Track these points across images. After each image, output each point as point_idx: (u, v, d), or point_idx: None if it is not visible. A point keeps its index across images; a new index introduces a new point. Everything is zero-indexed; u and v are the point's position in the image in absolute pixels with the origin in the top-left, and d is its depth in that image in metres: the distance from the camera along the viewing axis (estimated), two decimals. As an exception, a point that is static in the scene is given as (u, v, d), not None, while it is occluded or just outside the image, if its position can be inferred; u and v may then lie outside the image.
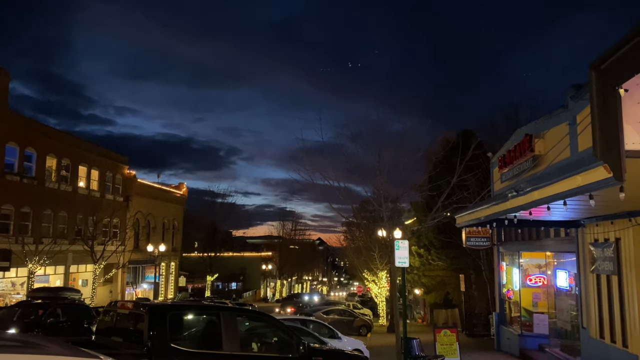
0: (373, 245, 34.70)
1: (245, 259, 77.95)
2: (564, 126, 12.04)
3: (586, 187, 7.03)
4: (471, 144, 23.09)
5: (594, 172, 6.63)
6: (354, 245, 44.87)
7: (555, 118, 12.74)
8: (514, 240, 18.49)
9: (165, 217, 48.30)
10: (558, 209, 9.46)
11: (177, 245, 51.89)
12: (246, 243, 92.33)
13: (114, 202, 37.73)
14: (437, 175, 25.36)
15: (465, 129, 30.93)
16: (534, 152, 13.59)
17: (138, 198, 41.98)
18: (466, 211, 14.80)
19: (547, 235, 15.65)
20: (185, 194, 53.52)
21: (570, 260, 14.54)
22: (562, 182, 7.88)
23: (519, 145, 14.49)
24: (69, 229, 32.58)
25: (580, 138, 10.68)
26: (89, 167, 35.92)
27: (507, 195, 10.23)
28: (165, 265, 47.80)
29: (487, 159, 20.91)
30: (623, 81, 5.96)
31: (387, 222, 24.50)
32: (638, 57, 5.39)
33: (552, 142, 12.55)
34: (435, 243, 32.15)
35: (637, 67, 5.42)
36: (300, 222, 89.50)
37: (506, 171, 16.25)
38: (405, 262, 16.77)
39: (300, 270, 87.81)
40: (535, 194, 9.11)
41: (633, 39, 5.42)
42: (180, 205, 52.38)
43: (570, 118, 11.59)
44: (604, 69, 6.13)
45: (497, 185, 18.72)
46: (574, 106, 11.45)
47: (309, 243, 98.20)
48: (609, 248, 11.27)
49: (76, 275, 34.82)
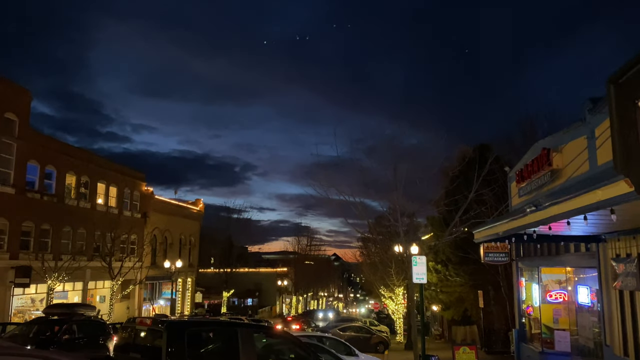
0: (389, 261, 34.48)
1: (261, 275, 77.85)
2: (582, 140, 11.93)
3: (607, 201, 6.94)
4: (488, 158, 22.99)
5: (614, 186, 6.54)
6: (370, 261, 44.58)
7: (573, 132, 12.63)
8: (533, 256, 18.23)
9: (182, 233, 48.58)
10: (578, 224, 9.33)
11: (194, 261, 52.08)
12: (262, 259, 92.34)
13: (131, 219, 38.09)
14: (454, 190, 25.23)
15: (482, 143, 30.78)
16: (552, 166, 13.47)
17: (155, 214, 42.34)
18: (484, 226, 14.65)
19: (567, 251, 15.41)
20: (202, 210, 53.84)
21: (591, 276, 14.28)
22: (582, 196, 7.78)
23: (536, 159, 14.37)
24: (88, 246, 32.93)
25: (599, 152, 10.57)
26: (107, 184, 36.39)
27: (526, 210, 10.12)
28: (181, 281, 47.95)
29: (504, 173, 20.74)
30: (643, 94, 5.90)
31: (403, 238, 24.36)
32: (658, 70, 5.35)
33: (571, 156, 12.43)
34: (452, 259, 31.82)
35: (657, 80, 5.37)
36: (316, 238, 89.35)
37: (524, 185, 16.09)
38: (423, 279, 16.63)
39: (316, 286, 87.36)
40: (554, 208, 9.00)
41: (652, 52, 5.38)
42: (197, 221, 52.68)
43: (588, 132, 11.49)
44: (622, 83, 6.08)
45: (515, 200, 18.52)
46: (592, 120, 11.35)
47: (325, 259, 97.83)
48: (631, 263, 11.05)
49: (94, 291, 35.10)
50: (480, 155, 25.57)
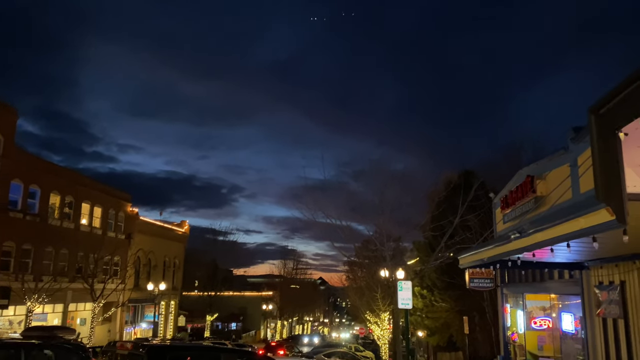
0: (375, 286, 34.33)
1: (246, 299, 76.94)
2: (565, 168, 12.12)
3: (589, 229, 7.03)
4: (473, 184, 23.26)
5: (596, 214, 6.64)
6: (356, 285, 44.36)
7: (556, 160, 12.84)
8: (518, 282, 18.30)
9: (167, 255, 48.02)
10: (561, 251, 9.42)
11: (178, 283, 51.39)
12: (247, 282, 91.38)
13: (115, 240, 37.63)
14: (439, 215, 25.39)
15: (467, 169, 31.12)
16: (536, 193, 13.62)
17: (140, 236, 41.87)
18: (469, 252, 14.71)
19: (551, 277, 15.50)
20: (187, 231, 53.38)
21: (575, 303, 14.34)
22: (565, 224, 7.87)
23: (520, 186, 14.54)
24: (70, 267, 32.38)
25: (582, 180, 10.74)
26: (92, 205, 36.00)
27: (510, 237, 10.20)
28: (165, 304, 47.19)
29: (489, 200, 20.93)
30: (622, 125, 6.05)
31: (389, 262, 24.39)
32: (636, 101, 5.49)
33: (554, 184, 12.61)
34: (438, 284, 31.81)
35: (636, 112, 5.52)
36: (302, 261, 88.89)
37: (508, 212, 16.23)
38: (408, 304, 16.60)
39: (301, 310, 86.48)
40: (538, 235, 9.08)
41: (631, 84, 5.54)
42: (182, 243, 52.16)
43: (571, 160, 11.68)
44: (603, 113, 6.23)
45: (499, 226, 18.66)
46: (575, 148, 11.55)
47: (310, 283, 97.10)
48: (614, 291, 11.15)
49: (75, 313, 34.38)
50: (465, 181, 25.84)
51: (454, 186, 27.27)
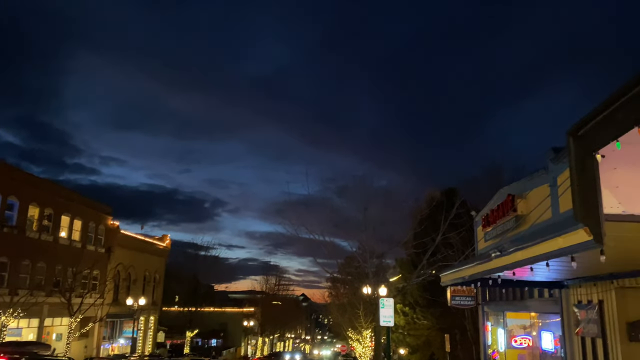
0: (358, 303, 34.25)
1: (227, 315, 75.96)
2: (545, 187, 12.31)
3: (567, 249, 7.14)
4: (455, 202, 23.44)
5: (574, 234, 6.75)
6: (339, 302, 44.22)
7: (536, 179, 13.04)
8: (499, 300, 18.41)
9: (147, 270, 47.35)
10: (541, 270, 9.53)
11: (157, 299, 50.62)
12: (228, 298, 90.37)
13: (95, 253, 37.03)
14: (422, 233, 25.50)
15: (449, 187, 31.41)
16: (517, 212, 13.79)
17: (120, 249, 41.27)
18: (451, 270, 14.79)
19: (531, 296, 15.63)
20: (169, 246, 52.76)
21: (554, 322, 14.46)
22: (545, 243, 7.98)
23: (501, 205, 14.72)
24: (47, 281, 31.72)
25: (561, 200, 10.91)
26: (72, 217, 35.44)
27: (491, 255, 10.30)
28: (144, 319, 46.40)
29: (471, 218, 21.12)
30: (599, 147, 6.18)
31: (372, 279, 24.36)
32: (612, 125, 5.64)
33: (534, 203, 12.79)
34: (420, 301, 31.84)
35: (612, 135, 5.65)
36: (284, 277, 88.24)
37: (490, 230, 16.39)
38: (390, 322, 16.56)
39: (283, 327, 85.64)
40: (518, 254, 9.19)
41: (608, 108, 5.69)
42: (163, 258, 51.51)
43: (551, 180, 11.87)
44: (581, 136, 6.37)
45: (481, 244, 18.81)
46: (554, 168, 11.76)
47: (293, 299, 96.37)
48: (592, 310, 11.28)
49: (50, 329, 33.60)
50: (447, 199, 26.05)
51: (437, 204, 27.47)
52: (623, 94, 5.23)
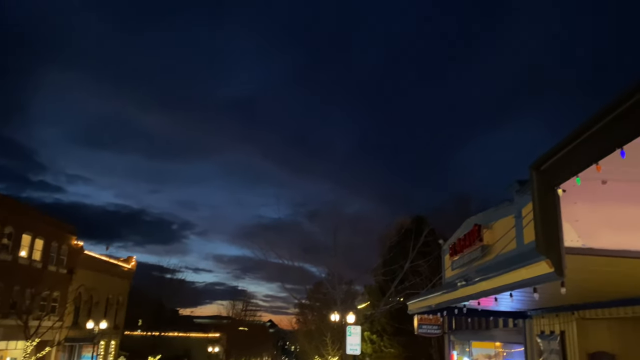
0: (325, 330, 33.95)
1: (191, 340, 74.14)
2: (510, 218, 12.59)
3: (530, 280, 7.29)
4: (424, 230, 23.72)
5: (537, 266, 6.92)
6: (306, 328, 43.77)
7: (502, 210, 13.33)
8: (465, 329, 18.55)
9: (110, 292, 46.03)
10: (505, 300, 9.68)
11: (120, 322, 49.15)
12: (193, 322, 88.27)
13: (56, 274, 35.86)
14: (391, 260, 25.63)
15: (418, 215, 31.72)
16: (483, 242, 14.03)
17: (83, 271, 40.07)
18: (418, 298, 14.87)
19: (496, 326, 15.82)
20: (134, 268, 51.51)
21: (518, 351, 14.63)
22: (509, 274, 8.13)
23: (468, 234, 14.96)
24: (3, 302, 30.47)
25: (525, 231, 11.17)
26: (34, 236, 34.31)
27: (457, 284, 10.42)
28: (104, 344, 44.86)
29: (439, 246, 21.36)
30: (561, 182, 6.40)
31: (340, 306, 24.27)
32: (572, 162, 5.85)
33: (500, 233, 13.04)
34: (387, 329, 31.74)
35: (572, 171, 5.86)
36: (252, 302, 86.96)
37: (457, 259, 16.59)
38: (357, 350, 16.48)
39: (249, 353, 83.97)
40: (483, 284, 9.32)
41: (568, 145, 5.91)
42: (127, 280, 50.22)
43: (516, 211, 12.16)
44: (543, 170, 6.58)
45: (448, 273, 19.01)
46: (519, 200, 12.06)
47: (260, 325, 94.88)
48: (554, 340, 11.48)
49: (4, 352, 32.14)
50: (416, 227, 26.32)
51: (406, 231, 27.70)
52: (582, 132, 5.45)
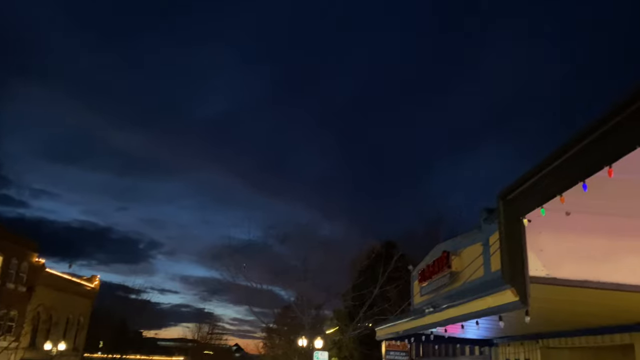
0: (292, 355, 33.44)
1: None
2: (478, 246, 12.74)
3: (495, 308, 7.37)
4: (394, 255, 23.81)
5: (502, 294, 7.00)
6: (273, 353, 42.98)
7: (470, 238, 13.49)
8: (432, 356, 18.54)
9: (71, 312, 44.50)
10: (471, 328, 9.74)
11: (80, 344, 47.44)
12: (157, 345, 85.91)
13: (15, 292, 34.55)
14: (360, 285, 25.59)
15: (389, 240, 31.83)
16: (451, 269, 14.13)
17: (43, 289, 38.70)
18: (386, 324, 14.84)
19: (463, 353, 15.86)
20: (97, 287, 50.04)
21: (484, 379, 14.67)
22: (475, 301, 8.21)
23: (437, 260, 15.05)
24: (-44, 320, 29.20)
25: (492, 259, 11.31)
26: (-7, 252, 33.14)
27: (425, 311, 10.45)
28: (62, 366, 43.16)
29: (409, 272, 21.44)
30: (526, 212, 6.53)
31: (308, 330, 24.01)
32: (537, 192, 5.99)
33: (468, 261, 13.18)
34: (355, 355, 31.46)
35: (538, 202, 6.00)
36: (218, 325, 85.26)
37: (425, 285, 16.65)
38: (323, 375, 16.24)
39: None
40: (450, 311, 9.37)
41: (533, 177, 6.06)
42: (90, 300, 48.69)
43: (483, 239, 12.32)
44: (509, 200, 6.72)
45: (417, 299, 19.04)
46: (487, 228, 12.23)
47: (225, 349, 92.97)
48: (519, 369, 11.56)
49: (-46, 374, 30.63)
50: (387, 252, 26.42)
51: (376, 256, 27.75)
52: (546, 165, 5.60)
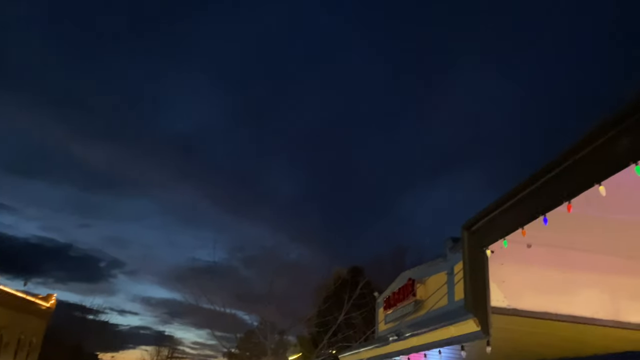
0: (254, 381, 32.82)
1: (110, 387, 69.39)
2: (443, 275, 12.88)
3: (458, 338, 7.44)
4: (360, 282, 23.80)
5: (464, 324, 7.08)
6: (234, 378, 42.04)
7: (435, 266, 13.63)
8: (395, 384, 18.43)
9: (23, 332, 42.63)
10: (434, 357, 9.76)
11: (31, 366, 45.41)
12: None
13: (-37, 310, 32.98)
14: (325, 311, 25.42)
15: (355, 266, 31.88)
16: (416, 297, 14.21)
17: (-6, 307, 37.10)
18: (350, 351, 14.77)
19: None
20: (53, 306, 48.17)
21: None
22: (438, 330, 8.27)
23: (402, 288, 15.12)
24: None
25: (456, 288, 11.43)
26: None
27: (389, 339, 10.46)
28: (10, 389, 41.16)
29: (374, 298, 21.44)
30: (489, 243, 6.67)
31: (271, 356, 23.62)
32: (500, 225, 6.15)
33: (433, 289, 13.29)
34: (318, 382, 31.07)
35: (500, 234, 6.15)
36: (178, 349, 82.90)
37: (390, 313, 16.66)
38: (284, 403, 15.95)
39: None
40: (413, 339, 9.41)
41: (497, 209, 6.22)
42: (44, 320, 46.80)
43: (448, 268, 12.47)
44: (473, 231, 6.86)
45: (381, 326, 19.01)
46: (451, 257, 12.39)
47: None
48: (480, 399, 11.60)
49: None
50: (353, 278, 26.41)
51: (342, 281, 27.70)
52: (509, 198, 5.77)
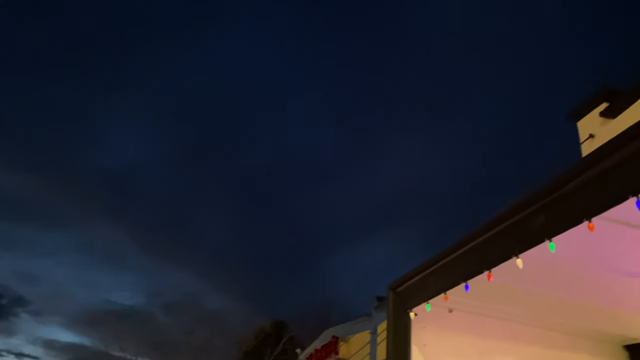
0: None
1: None
2: (366, 334, 12.96)
3: (378, 400, 7.44)
4: (283, 337, 23.34)
5: (385, 386, 7.10)
6: None
7: (360, 324, 13.71)
8: None
9: None
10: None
11: None
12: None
13: None
14: (245, 365, 24.54)
15: (279, 320, 31.17)
16: (339, 355, 14.15)
17: None
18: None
19: None
20: (-59, 347, 43.34)
21: None
22: (358, 391, 8.23)
23: (325, 345, 15.02)
24: None
25: (379, 348, 11.52)
26: None
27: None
28: None
29: (296, 355, 21.08)
30: (413, 306, 6.82)
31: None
32: (424, 288, 6.33)
33: (356, 347, 13.29)
34: None
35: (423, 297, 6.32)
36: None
37: (312, 370, 16.41)
38: None
39: None
40: (334, 400, 9.29)
41: (421, 272, 6.42)
42: None
43: (372, 327, 12.58)
44: (399, 292, 7.00)
45: (302, 384, 18.64)
46: (376, 316, 12.54)
47: None
48: None
49: None
50: (276, 332, 25.85)
51: (265, 336, 27.02)
52: (434, 262, 5.97)
